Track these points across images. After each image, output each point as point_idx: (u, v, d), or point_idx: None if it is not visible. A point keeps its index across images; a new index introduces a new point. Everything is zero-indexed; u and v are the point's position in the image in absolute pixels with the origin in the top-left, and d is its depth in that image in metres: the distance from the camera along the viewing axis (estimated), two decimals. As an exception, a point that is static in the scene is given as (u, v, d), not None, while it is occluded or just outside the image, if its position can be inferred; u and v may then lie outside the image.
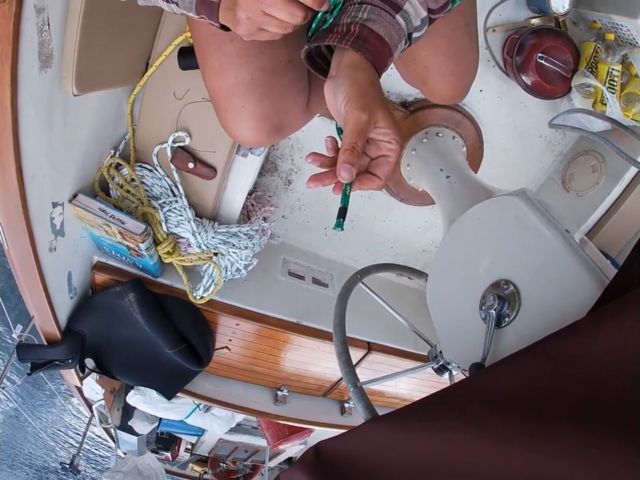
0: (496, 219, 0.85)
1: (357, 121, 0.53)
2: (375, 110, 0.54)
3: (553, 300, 0.68)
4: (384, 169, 0.57)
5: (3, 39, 0.70)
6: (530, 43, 1.36)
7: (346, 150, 0.52)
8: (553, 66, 1.37)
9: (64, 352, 1.42)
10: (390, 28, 0.59)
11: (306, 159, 0.58)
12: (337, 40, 0.58)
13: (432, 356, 1.06)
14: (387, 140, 0.56)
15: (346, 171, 0.52)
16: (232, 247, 1.31)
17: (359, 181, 0.57)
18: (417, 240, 1.84)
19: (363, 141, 0.54)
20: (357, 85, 0.55)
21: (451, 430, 0.53)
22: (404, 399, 1.96)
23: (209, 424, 2.18)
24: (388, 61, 0.60)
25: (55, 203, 1.11)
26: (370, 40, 0.57)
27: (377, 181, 0.57)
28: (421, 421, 0.60)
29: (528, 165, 1.72)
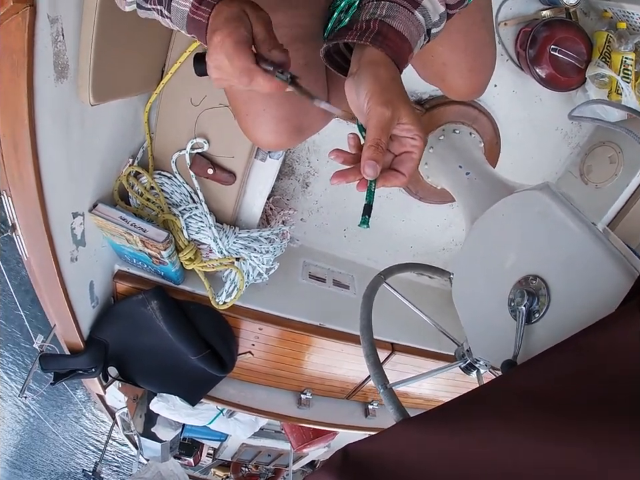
0: (520, 215, 0.84)
1: (380, 117, 0.52)
2: (398, 106, 0.53)
3: (582, 293, 0.67)
4: (408, 166, 0.57)
5: (18, 50, 0.71)
6: (542, 36, 1.35)
7: (370, 146, 0.52)
8: (566, 57, 1.36)
9: (87, 361, 1.43)
10: (409, 24, 0.58)
11: (329, 155, 0.58)
12: (356, 37, 0.57)
13: (459, 355, 1.05)
14: (410, 136, 0.55)
15: (370, 168, 0.52)
16: (253, 252, 1.31)
17: (383, 177, 0.56)
18: (436, 238, 1.82)
19: (387, 137, 0.53)
20: (379, 81, 0.54)
21: (486, 429, 0.52)
22: (428, 399, 1.93)
23: (232, 429, 2.19)
24: (408, 57, 0.60)
25: (75, 213, 1.12)
26: (390, 36, 0.57)
27: (401, 178, 0.57)
28: (454, 421, 0.59)
29: (545, 158, 1.70)
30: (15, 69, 0.73)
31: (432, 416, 0.64)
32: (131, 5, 0.63)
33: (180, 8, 0.58)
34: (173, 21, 0.60)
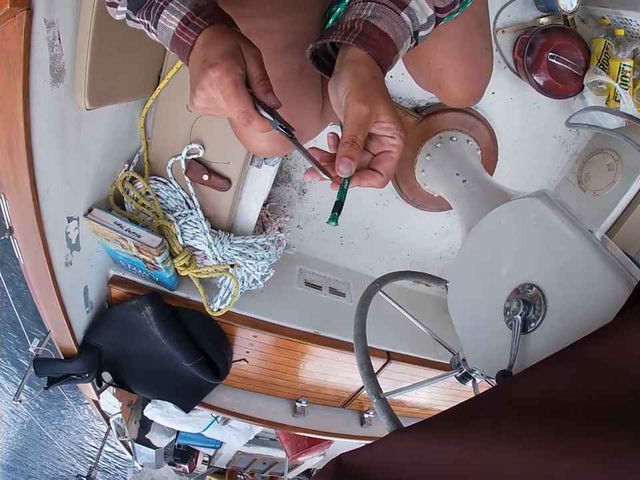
0: (516, 222, 0.83)
1: (357, 113, 0.51)
2: (377, 103, 0.52)
3: (579, 302, 0.66)
4: (386, 165, 0.55)
5: (14, 53, 0.71)
6: (540, 43, 1.35)
7: (345, 143, 0.51)
8: (564, 65, 1.37)
9: (81, 366, 1.42)
10: (394, 25, 0.57)
11: (304, 177, 0.58)
12: (340, 37, 0.57)
13: (454, 364, 1.04)
14: (389, 135, 0.54)
15: (344, 165, 0.51)
16: (248, 258, 1.30)
17: (359, 176, 0.55)
18: (433, 246, 1.82)
19: (364, 134, 0.52)
20: (358, 78, 0.53)
21: (480, 440, 0.51)
22: (424, 408, 1.92)
23: (227, 436, 2.17)
24: (393, 58, 0.59)
25: (70, 218, 1.11)
26: (373, 36, 0.56)
27: (378, 177, 0.55)
28: (448, 431, 0.58)
29: (543, 166, 1.70)
30: (11, 72, 0.73)
31: (426, 426, 0.63)
32: (120, 15, 0.63)
33: (166, 26, 0.57)
34: (158, 37, 0.60)
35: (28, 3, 0.68)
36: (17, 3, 0.66)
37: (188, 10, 0.55)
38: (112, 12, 0.64)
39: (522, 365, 0.70)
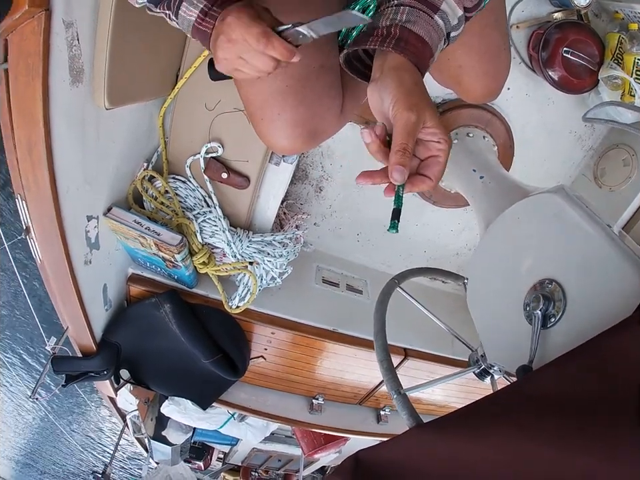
0: (535, 218, 0.83)
1: (406, 121, 0.52)
2: (423, 110, 0.54)
3: (599, 296, 0.66)
4: (435, 169, 0.57)
5: (33, 54, 0.72)
6: (555, 38, 1.35)
7: (397, 151, 0.52)
8: (579, 60, 1.36)
9: (99, 363, 1.43)
10: (429, 28, 0.58)
11: (357, 180, 0.58)
12: (378, 43, 0.57)
13: (473, 360, 1.04)
14: (435, 140, 0.55)
15: (398, 173, 0.52)
16: (267, 256, 1.31)
17: (411, 182, 0.56)
18: (450, 243, 1.81)
19: (414, 141, 0.53)
20: (404, 86, 0.54)
21: (501, 436, 0.52)
22: (440, 405, 1.92)
23: (243, 433, 2.18)
24: (429, 61, 0.60)
25: (90, 216, 1.13)
26: (411, 41, 0.57)
27: (428, 182, 0.57)
28: (469, 427, 0.59)
29: (559, 161, 1.68)
30: (30, 72, 0.74)
31: (446, 422, 0.63)
32: (140, 4, 0.65)
33: (186, 17, 0.62)
34: (179, 25, 0.64)
35: (46, 3, 0.68)
36: (36, 3, 0.66)
37: (205, 2, 0.60)
38: (132, 1, 0.65)
39: (542, 360, 0.70)
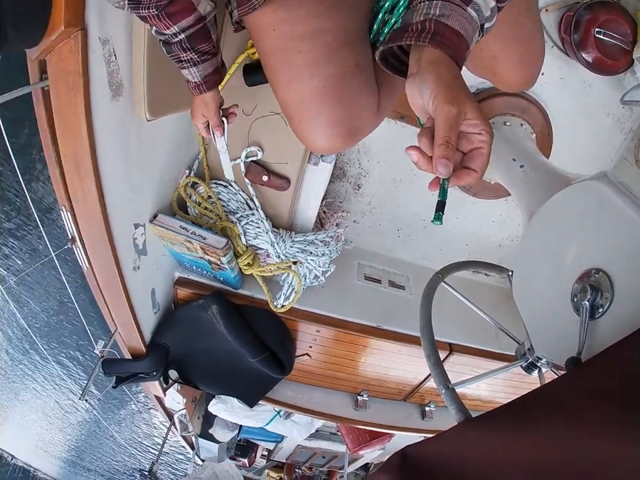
0: (579, 206, 0.81)
1: (447, 114, 0.52)
2: (464, 102, 0.53)
3: None
4: (479, 162, 0.56)
5: (73, 72, 0.74)
6: (585, 19, 1.31)
7: (441, 145, 0.52)
8: (612, 40, 1.32)
9: (149, 365, 1.49)
10: (463, 21, 0.58)
11: (406, 149, 0.57)
12: (414, 38, 0.57)
13: (520, 354, 1.02)
14: (477, 132, 0.55)
15: (443, 166, 0.52)
16: (310, 255, 1.32)
17: (456, 176, 0.56)
18: (492, 234, 1.78)
19: (456, 134, 0.53)
20: (443, 80, 0.54)
21: (554, 428, 0.51)
22: (485, 400, 1.88)
23: (288, 430, 2.21)
24: (465, 54, 0.60)
25: (137, 224, 1.17)
26: (446, 35, 0.57)
27: (473, 174, 0.56)
28: (520, 420, 0.58)
29: (598, 146, 1.63)
30: (72, 90, 0.77)
31: (496, 416, 0.63)
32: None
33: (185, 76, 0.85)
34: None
35: (81, 22, 0.71)
36: (71, 23, 0.69)
37: (199, 79, 0.85)
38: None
39: (591, 352, 0.69)
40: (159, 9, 0.68)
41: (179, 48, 0.78)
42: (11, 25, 0.61)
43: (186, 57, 0.80)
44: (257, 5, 0.75)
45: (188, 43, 0.77)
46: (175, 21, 0.72)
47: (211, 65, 0.85)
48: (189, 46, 0.78)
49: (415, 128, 1.44)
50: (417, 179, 1.59)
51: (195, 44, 0.78)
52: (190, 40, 0.77)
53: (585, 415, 0.48)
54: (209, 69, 0.85)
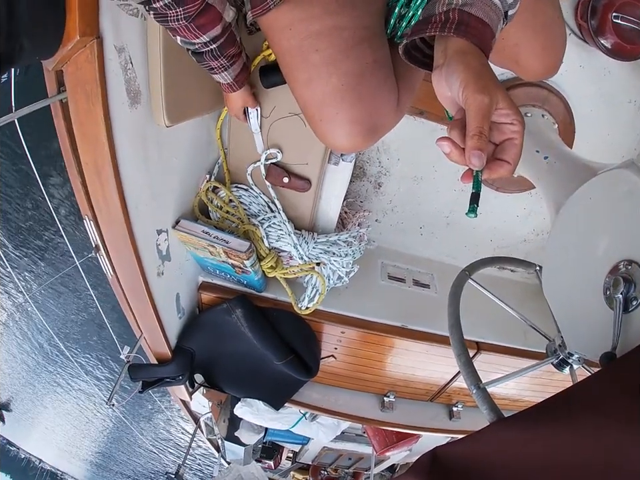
0: (608, 197, 0.79)
1: (480, 104, 0.51)
2: (495, 91, 0.52)
3: None
4: (512, 152, 0.54)
5: (91, 81, 0.75)
6: (602, 4, 1.27)
7: (474, 135, 0.50)
8: (630, 24, 1.27)
9: (175, 369, 1.50)
10: (487, 9, 0.57)
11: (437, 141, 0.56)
12: (438, 29, 0.56)
13: (550, 351, 1.00)
14: (509, 122, 0.53)
15: (476, 157, 0.51)
16: (333, 256, 1.32)
17: (488, 168, 0.54)
18: (517, 229, 1.74)
19: (489, 124, 0.51)
20: (471, 69, 0.53)
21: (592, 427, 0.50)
22: (513, 399, 1.85)
23: (314, 432, 2.20)
24: (491, 42, 0.58)
25: (160, 230, 1.18)
26: (472, 24, 0.56)
27: (507, 166, 0.54)
28: (555, 419, 0.57)
29: (621, 133, 1.58)
30: (90, 99, 0.77)
31: (529, 415, 0.61)
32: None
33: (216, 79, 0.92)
34: None
35: (96, 31, 0.71)
36: (87, 32, 0.69)
37: (230, 80, 0.92)
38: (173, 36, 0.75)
39: (625, 346, 0.67)
40: (188, 20, 0.69)
41: (210, 57, 0.81)
42: (26, 37, 0.61)
43: (217, 64, 0.84)
44: (272, 5, 0.75)
45: (218, 51, 0.81)
46: (205, 31, 0.74)
47: (239, 65, 0.90)
48: (220, 53, 0.82)
49: (434, 124, 1.42)
50: (438, 175, 1.57)
51: (224, 50, 0.82)
52: (220, 48, 0.80)
53: (624, 413, 0.46)
54: (238, 69, 0.91)
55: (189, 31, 0.72)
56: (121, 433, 9.28)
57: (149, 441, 8.99)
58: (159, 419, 8.26)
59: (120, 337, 3.08)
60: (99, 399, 7.80)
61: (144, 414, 8.22)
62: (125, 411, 8.10)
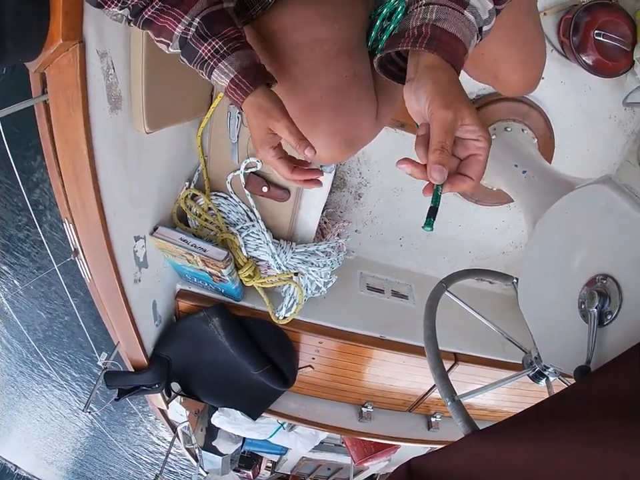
0: (584, 211, 0.80)
1: (443, 120, 0.51)
2: (460, 107, 0.52)
3: None
4: (475, 169, 0.55)
5: (72, 85, 0.74)
6: (584, 21, 1.31)
7: (435, 150, 0.51)
8: (611, 41, 1.32)
9: (151, 377, 1.48)
10: (461, 25, 0.57)
11: (398, 163, 0.56)
12: (410, 44, 0.56)
13: (527, 363, 1.00)
14: (474, 138, 0.54)
15: (437, 172, 0.51)
16: (311, 266, 1.31)
17: (450, 182, 0.54)
18: (495, 242, 1.76)
19: (451, 139, 0.52)
20: (439, 84, 0.53)
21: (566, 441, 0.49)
22: (492, 410, 1.86)
23: (292, 442, 2.19)
24: (463, 57, 0.59)
25: (137, 237, 1.16)
26: (443, 39, 0.56)
27: (469, 182, 0.55)
28: (528, 432, 0.57)
29: (601, 149, 1.62)
30: (70, 103, 0.76)
31: (503, 428, 0.61)
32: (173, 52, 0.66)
33: (219, 82, 0.65)
34: (213, 85, 0.67)
35: (80, 35, 0.71)
36: (69, 37, 0.69)
37: (235, 72, 0.63)
38: (162, 48, 0.66)
39: (600, 360, 0.67)
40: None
41: (196, 41, 0.63)
42: (9, 39, 0.61)
43: (208, 49, 0.63)
44: (254, 14, 0.75)
45: (206, 28, 0.62)
46: (185, 8, 0.61)
47: (246, 55, 0.65)
48: (208, 32, 0.62)
49: (414, 136, 1.43)
50: (417, 187, 1.56)
51: (215, 29, 0.63)
52: (208, 23, 0.62)
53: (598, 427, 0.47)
54: (246, 60, 0.64)
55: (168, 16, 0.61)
56: (98, 441, 9.10)
57: (127, 449, 8.83)
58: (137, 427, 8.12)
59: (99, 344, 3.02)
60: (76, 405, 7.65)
61: (121, 421, 8.08)
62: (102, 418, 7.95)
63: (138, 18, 0.63)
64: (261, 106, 0.64)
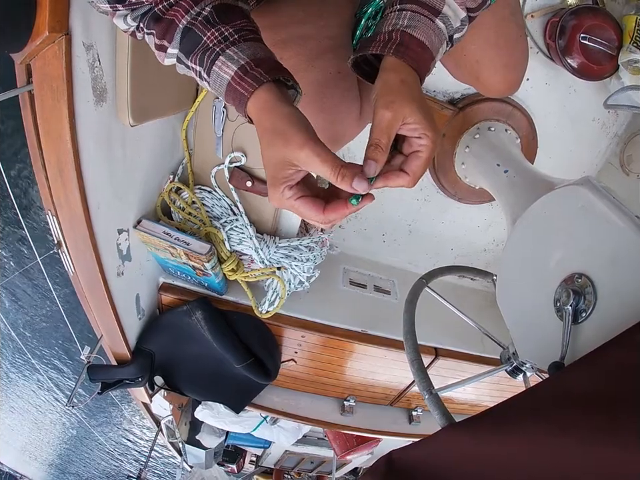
0: (562, 211, 0.82)
1: (380, 118, 0.52)
2: (402, 106, 0.53)
3: (629, 290, 0.65)
4: (412, 165, 0.55)
5: (57, 77, 0.74)
6: (571, 25, 1.32)
7: (370, 146, 0.52)
8: (597, 45, 1.33)
9: (134, 371, 1.47)
10: (430, 33, 0.58)
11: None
12: (379, 48, 0.58)
13: (504, 358, 1.03)
14: (416, 135, 0.54)
15: (368, 166, 0.52)
16: (294, 260, 1.32)
17: (385, 177, 0.55)
18: (477, 239, 1.79)
19: (387, 137, 0.53)
20: (386, 85, 0.55)
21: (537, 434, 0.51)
22: (472, 404, 1.89)
23: (276, 436, 2.20)
24: (430, 64, 0.60)
25: (121, 230, 1.16)
26: (411, 46, 0.57)
27: (404, 176, 0.55)
28: (502, 425, 0.59)
29: (584, 150, 1.65)
30: (56, 95, 0.76)
31: (479, 421, 0.63)
32: (170, 59, 0.60)
33: (220, 74, 0.53)
34: (210, 86, 0.56)
35: (66, 28, 0.71)
36: (55, 29, 0.68)
37: (247, 59, 0.52)
38: (160, 57, 0.61)
39: (574, 356, 0.70)
40: None
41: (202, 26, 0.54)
42: None
43: (215, 35, 0.53)
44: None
45: (217, 16, 0.54)
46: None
47: (260, 48, 0.55)
48: (218, 19, 0.54)
49: (399, 133, 1.45)
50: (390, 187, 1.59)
51: (227, 18, 0.54)
52: (220, 12, 0.55)
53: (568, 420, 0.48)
54: (259, 52, 0.54)
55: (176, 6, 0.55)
56: (82, 435, 9.02)
57: (111, 444, 8.78)
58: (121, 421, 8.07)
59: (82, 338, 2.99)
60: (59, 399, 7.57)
61: (106, 416, 8.01)
62: (87, 412, 7.88)
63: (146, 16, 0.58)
64: (275, 126, 0.50)
